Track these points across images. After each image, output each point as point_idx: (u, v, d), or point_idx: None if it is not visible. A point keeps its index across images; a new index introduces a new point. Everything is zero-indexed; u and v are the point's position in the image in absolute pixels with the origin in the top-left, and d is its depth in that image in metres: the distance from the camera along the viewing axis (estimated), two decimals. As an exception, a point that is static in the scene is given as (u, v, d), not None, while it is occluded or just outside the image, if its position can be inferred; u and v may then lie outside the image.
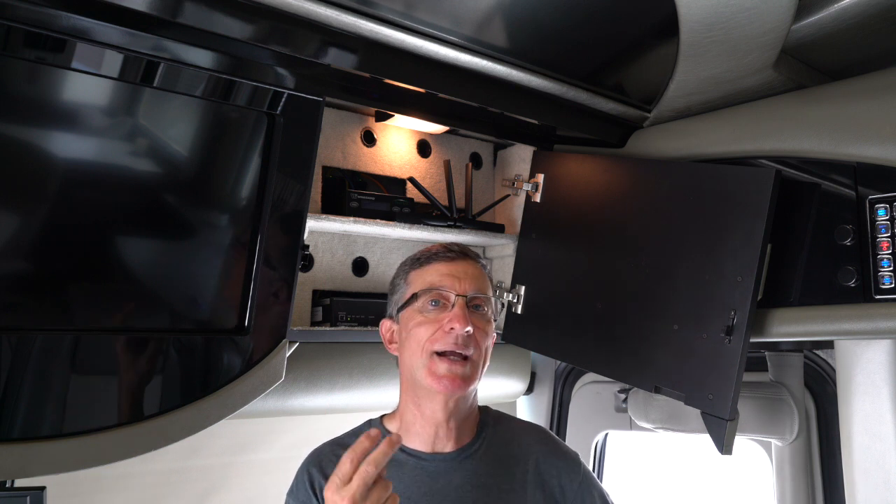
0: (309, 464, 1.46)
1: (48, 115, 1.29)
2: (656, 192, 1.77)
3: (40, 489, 1.35)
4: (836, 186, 1.59)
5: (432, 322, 1.41)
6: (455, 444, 1.44)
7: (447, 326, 1.39)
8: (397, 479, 1.39)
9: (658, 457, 2.93)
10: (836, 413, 1.76)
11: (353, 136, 1.97)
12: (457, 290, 1.42)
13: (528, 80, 1.68)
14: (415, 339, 1.41)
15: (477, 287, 1.45)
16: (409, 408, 1.45)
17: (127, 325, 1.43)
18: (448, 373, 1.38)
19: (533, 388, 2.52)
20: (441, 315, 1.41)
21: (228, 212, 1.53)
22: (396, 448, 1.15)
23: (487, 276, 1.52)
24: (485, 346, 1.44)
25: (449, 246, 1.50)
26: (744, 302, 1.55)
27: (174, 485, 2.12)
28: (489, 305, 1.47)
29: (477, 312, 1.44)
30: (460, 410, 1.44)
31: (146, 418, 1.43)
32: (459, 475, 1.41)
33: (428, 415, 1.42)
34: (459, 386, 1.38)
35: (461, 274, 1.45)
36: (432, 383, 1.38)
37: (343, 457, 1.15)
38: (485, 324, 1.45)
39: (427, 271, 1.46)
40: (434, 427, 1.43)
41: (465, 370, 1.39)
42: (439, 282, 1.43)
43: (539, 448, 1.51)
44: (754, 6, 1.34)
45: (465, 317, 1.38)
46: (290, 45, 1.41)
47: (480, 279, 1.47)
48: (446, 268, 1.45)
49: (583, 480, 1.50)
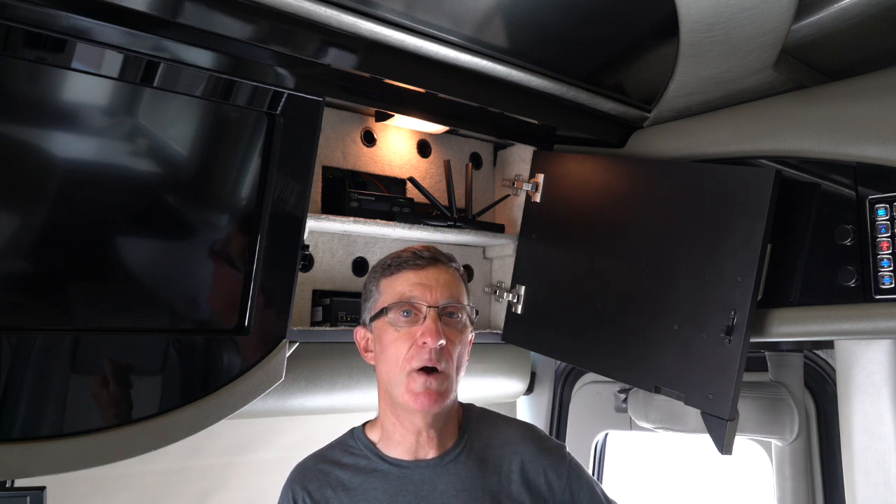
0: (292, 481, 1.44)
1: (48, 115, 1.29)
2: (656, 192, 1.77)
3: (40, 489, 1.35)
4: (836, 186, 1.59)
5: (406, 338, 1.38)
6: (437, 449, 1.42)
7: (420, 341, 1.36)
8: (381, 489, 1.38)
9: (658, 457, 2.93)
10: (836, 413, 1.76)
11: (353, 136, 1.97)
12: (428, 301, 1.38)
13: (528, 80, 1.68)
14: (391, 357, 1.39)
15: (449, 294, 1.41)
16: (389, 417, 1.43)
17: (127, 325, 1.43)
18: (424, 389, 1.35)
19: (533, 388, 2.52)
20: (414, 329, 1.38)
21: (228, 212, 1.53)
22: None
23: (461, 278, 1.47)
24: (457, 355, 1.40)
25: (419, 251, 1.45)
26: (744, 302, 1.55)
27: (174, 485, 2.12)
28: (463, 311, 1.44)
29: (451, 320, 1.41)
30: (439, 419, 1.41)
31: (146, 418, 1.43)
32: (444, 480, 1.40)
33: (407, 425, 1.41)
34: (436, 401, 1.36)
35: (432, 282, 1.40)
36: (409, 400, 1.36)
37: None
38: (458, 332, 1.41)
39: (397, 280, 1.42)
40: (415, 435, 1.41)
41: (440, 384, 1.36)
42: (409, 292, 1.39)
43: (524, 447, 1.49)
44: (754, 6, 1.34)
45: (437, 330, 1.35)
46: (290, 45, 1.41)
47: (452, 285, 1.43)
48: (416, 276, 1.41)
49: (569, 473, 1.49)
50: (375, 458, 1.43)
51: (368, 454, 1.43)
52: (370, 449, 1.44)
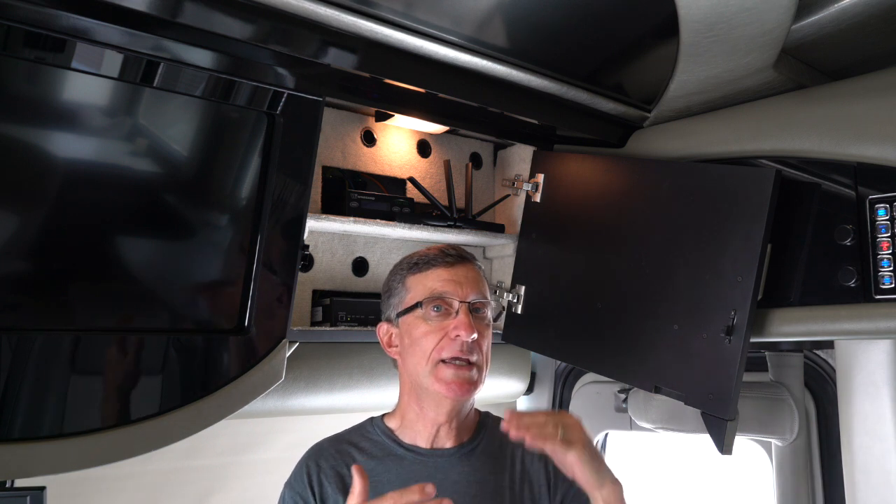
0: (308, 458, 1.48)
1: (48, 115, 1.29)
2: (656, 192, 1.77)
3: (40, 489, 1.35)
4: (836, 186, 1.59)
5: (437, 331, 1.43)
6: (454, 441, 1.47)
7: (452, 334, 1.41)
8: (395, 472, 1.42)
9: (658, 457, 2.93)
10: (836, 413, 1.76)
11: (353, 136, 1.97)
12: (459, 297, 1.44)
13: (528, 80, 1.68)
14: (420, 349, 1.43)
15: (478, 291, 1.47)
16: (412, 407, 1.48)
17: (127, 325, 1.43)
18: (456, 378, 1.40)
19: (533, 388, 2.52)
20: (445, 322, 1.43)
21: (228, 212, 1.53)
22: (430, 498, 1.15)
23: (484, 276, 1.53)
24: (486, 348, 1.47)
25: (446, 250, 1.51)
26: (744, 302, 1.55)
27: (174, 485, 2.12)
28: (489, 308, 1.50)
29: (478, 316, 1.47)
30: (462, 412, 1.47)
31: (146, 418, 1.43)
32: (457, 471, 1.44)
33: (431, 416, 1.45)
34: (468, 390, 1.42)
35: (462, 279, 1.46)
36: (440, 389, 1.40)
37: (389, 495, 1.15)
38: (485, 327, 1.48)
39: (428, 277, 1.47)
40: (436, 427, 1.46)
41: (472, 374, 1.42)
42: (442, 288, 1.45)
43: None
44: (754, 6, 1.34)
45: (470, 324, 1.41)
46: (290, 45, 1.41)
47: (480, 282, 1.49)
48: (447, 273, 1.46)
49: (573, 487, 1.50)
50: (392, 443, 1.47)
51: (385, 439, 1.48)
52: (388, 435, 1.49)
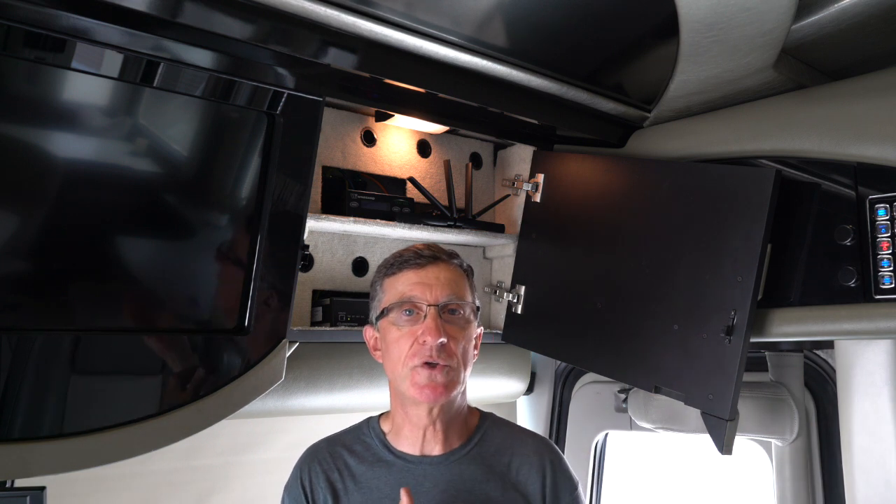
0: (303, 462, 1.48)
1: (48, 115, 1.29)
2: (656, 192, 1.77)
3: (40, 489, 1.35)
4: (836, 186, 1.59)
5: (408, 336, 1.40)
6: (443, 447, 1.44)
7: (420, 339, 1.38)
8: (384, 479, 1.42)
9: (658, 457, 2.93)
10: (836, 413, 1.76)
11: (353, 136, 1.97)
12: (427, 300, 1.40)
13: (528, 80, 1.68)
14: (395, 354, 1.41)
15: (450, 292, 1.42)
16: (398, 411, 1.47)
17: (127, 325, 1.43)
18: (429, 381, 1.37)
19: (533, 388, 2.52)
20: (415, 327, 1.40)
21: (228, 212, 1.53)
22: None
23: (464, 274, 1.49)
24: (460, 351, 1.41)
25: (421, 250, 1.46)
26: (744, 302, 1.55)
27: (174, 485, 2.12)
28: (466, 307, 1.45)
29: (453, 317, 1.42)
30: (446, 413, 1.44)
31: (146, 418, 1.43)
32: (445, 478, 1.42)
33: (414, 420, 1.44)
34: (441, 394, 1.38)
35: (432, 280, 1.42)
36: (415, 394, 1.38)
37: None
38: (460, 329, 1.42)
39: (398, 280, 1.44)
40: (421, 430, 1.44)
41: (445, 377, 1.38)
42: (410, 292, 1.41)
43: (535, 459, 1.48)
44: (754, 6, 1.34)
45: (436, 328, 1.37)
46: (290, 45, 1.41)
47: (454, 282, 1.44)
48: (416, 275, 1.43)
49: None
50: (384, 449, 1.46)
51: (378, 444, 1.47)
52: (381, 439, 1.48)
